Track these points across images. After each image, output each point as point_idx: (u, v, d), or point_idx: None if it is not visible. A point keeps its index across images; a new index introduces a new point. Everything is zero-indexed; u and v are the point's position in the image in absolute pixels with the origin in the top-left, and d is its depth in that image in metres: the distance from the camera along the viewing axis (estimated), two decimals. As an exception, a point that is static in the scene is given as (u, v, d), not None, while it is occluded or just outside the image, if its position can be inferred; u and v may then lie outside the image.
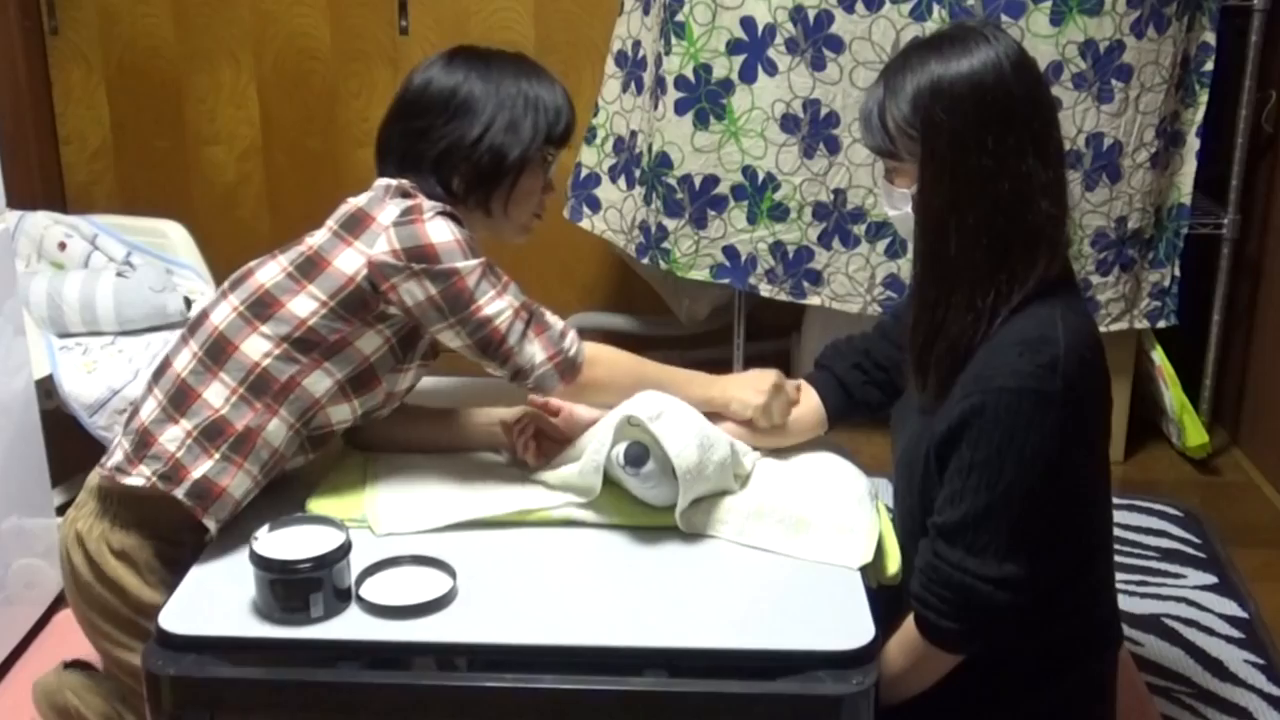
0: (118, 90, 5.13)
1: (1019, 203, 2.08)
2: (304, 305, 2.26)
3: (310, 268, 2.28)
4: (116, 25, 5.04)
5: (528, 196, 2.45)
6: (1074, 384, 2.04)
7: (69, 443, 3.51)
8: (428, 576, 2.11)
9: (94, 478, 2.38)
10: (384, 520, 2.27)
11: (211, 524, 2.25)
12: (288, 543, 2.05)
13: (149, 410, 2.33)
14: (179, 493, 2.25)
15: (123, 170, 5.22)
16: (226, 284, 2.37)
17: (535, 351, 2.27)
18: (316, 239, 2.32)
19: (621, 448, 2.23)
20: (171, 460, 2.26)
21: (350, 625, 2.03)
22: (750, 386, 2.44)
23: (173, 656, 1.98)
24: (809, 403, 2.51)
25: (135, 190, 5.20)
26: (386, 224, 2.26)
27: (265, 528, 2.09)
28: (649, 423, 2.21)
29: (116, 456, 2.34)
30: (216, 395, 2.28)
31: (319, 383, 2.28)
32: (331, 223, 2.33)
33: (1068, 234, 2.18)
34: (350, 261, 2.26)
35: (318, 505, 2.31)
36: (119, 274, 3.98)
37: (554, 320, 2.31)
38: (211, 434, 2.26)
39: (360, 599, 2.05)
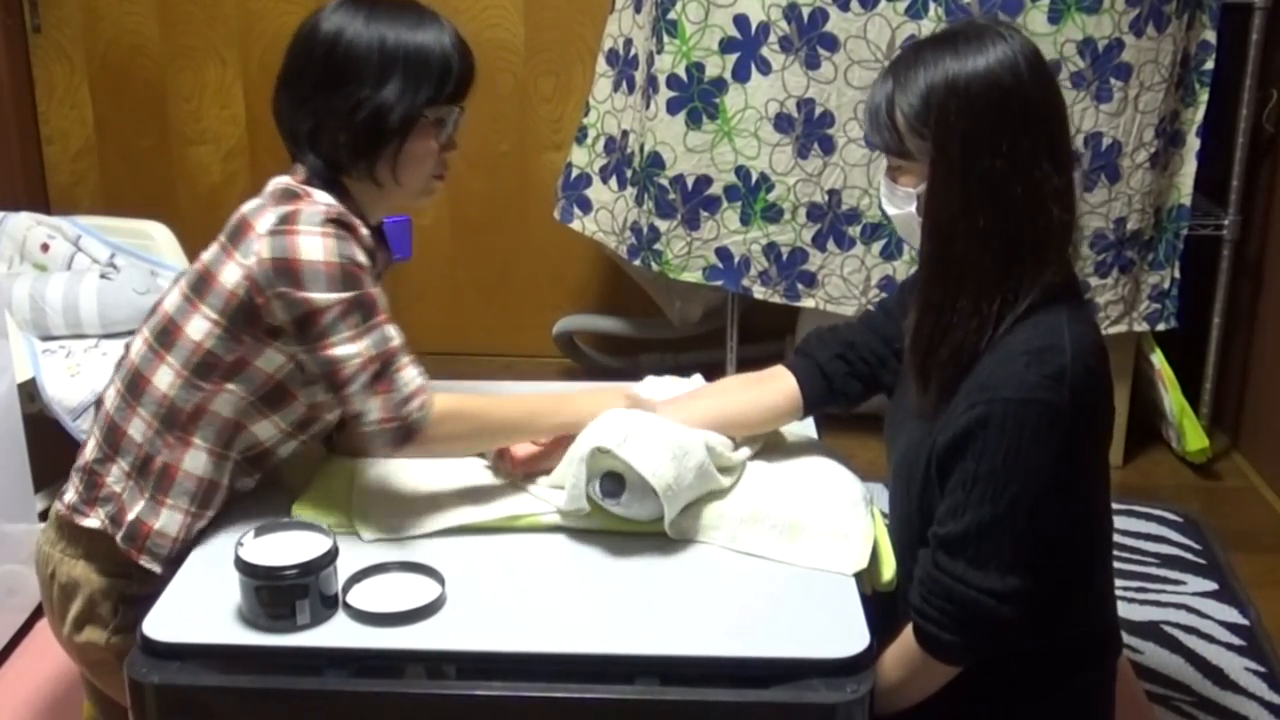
0: (101, 89, 5.11)
1: (1031, 208, 2.04)
2: (199, 327, 2.20)
3: (201, 285, 2.22)
4: (100, 23, 5.02)
5: (419, 161, 2.28)
6: (1080, 395, 2.01)
7: (51, 447, 3.47)
8: (415, 583, 2.08)
9: (55, 507, 2.38)
10: (371, 526, 2.24)
11: (151, 564, 2.23)
12: (273, 548, 2.02)
13: (91, 448, 2.33)
14: (119, 536, 2.26)
15: (106, 170, 5.20)
16: (150, 312, 2.33)
17: (372, 408, 2.14)
18: (208, 253, 2.26)
19: (596, 482, 2.20)
20: (118, 502, 2.27)
21: (337, 632, 1.99)
22: (604, 406, 2.34)
23: (157, 664, 1.95)
24: (785, 389, 2.46)
25: (119, 191, 5.19)
26: (262, 232, 2.15)
27: (250, 533, 2.06)
28: (617, 449, 2.17)
29: (70, 495, 2.34)
30: (138, 431, 2.26)
31: (225, 405, 2.23)
32: (221, 234, 2.26)
33: (1074, 240, 2.14)
34: (232, 275, 2.18)
35: (304, 510, 2.27)
36: (102, 276, 3.95)
37: (407, 380, 2.14)
38: (143, 472, 2.26)
39: (347, 606, 2.02)
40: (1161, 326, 4.35)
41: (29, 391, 3.56)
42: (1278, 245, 4.37)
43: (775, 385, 2.46)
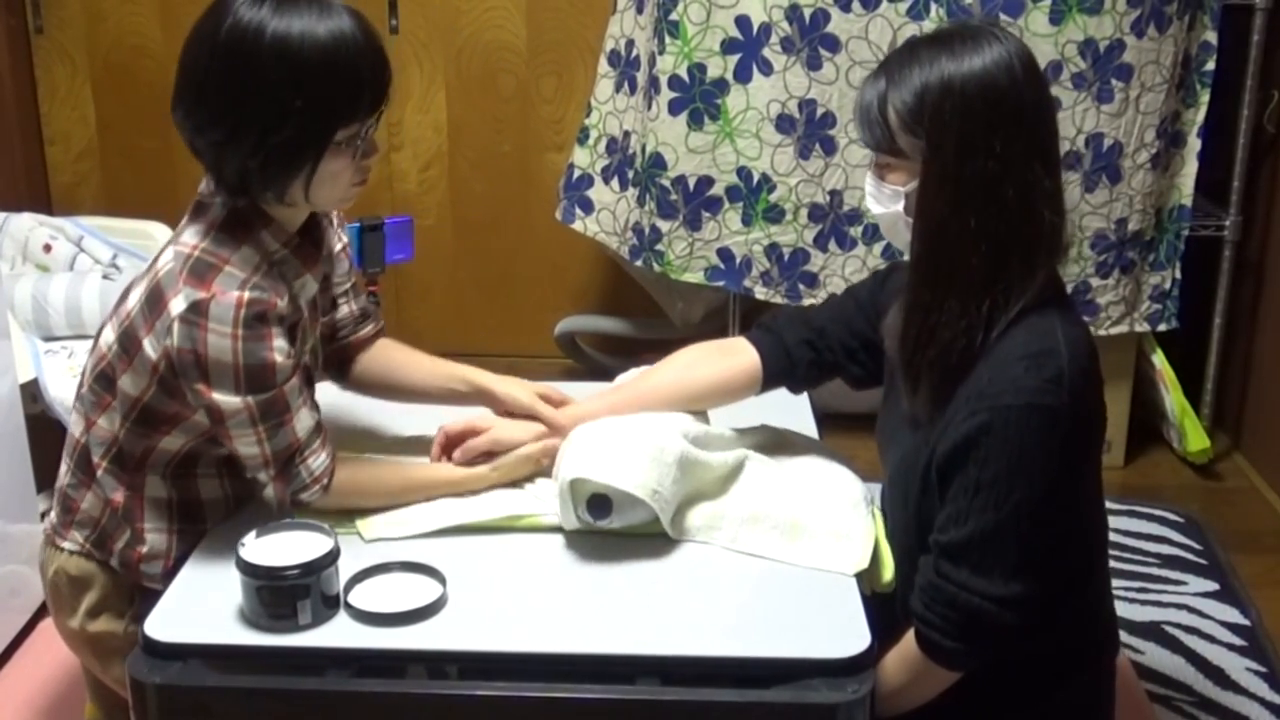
0: (103, 90, 5.11)
1: (1022, 210, 2.03)
2: (133, 383, 2.17)
3: (130, 344, 2.16)
4: (102, 24, 5.02)
5: (333, 179, 2.14)
6: (1079, 397, 2.01)
7: (54, 447, 3.46)
8: (417, 583, 2.08)
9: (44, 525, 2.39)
10: (372, 526, 2.24)
11: (153, 585, 2.23)
12: (275, 549, 2.02)
13: (64, 472, 2.32)
14: (113, 563, 2.27)
15: (108, 171, 5.20)
16: (95, 337, 2.29)
17: (269, 487, 2.18)
18: (133, 301, 2.17)
19: (584, 507, 2.20)
20: (98, 528, 2.28)
21: (339, 632, 1.99)
22: (513, 471, 2.37)
23: (158, 664, 1.95)
24: (747, 365, 2.44)
25: (121, 191, 5.19)
26: (175, 315, 2.06)
27: (252, 534, 2.06)
28: (594, 476, 2.17)
29: (50, 518, 2.35)
30: (99, 467, 2.26)
31: (174, 444, 2.23)
32: (142, 288, 2.16)
33: (1065, 242, 2.14)
34: (152, 349, 2.12)
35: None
36: (105, 276, 3.95)
37: (307, 474, 2.17)
38: (113, 505, 2.25)
39: (349, 606, 2.02)
40: (1163, 327, 4.34)
41: (31, 392, 3.55)
42: (1278, 246, 4.37)
43: (736, 360, 2.44)
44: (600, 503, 2.19)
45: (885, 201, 2.15)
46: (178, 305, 2.06)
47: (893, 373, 2.26)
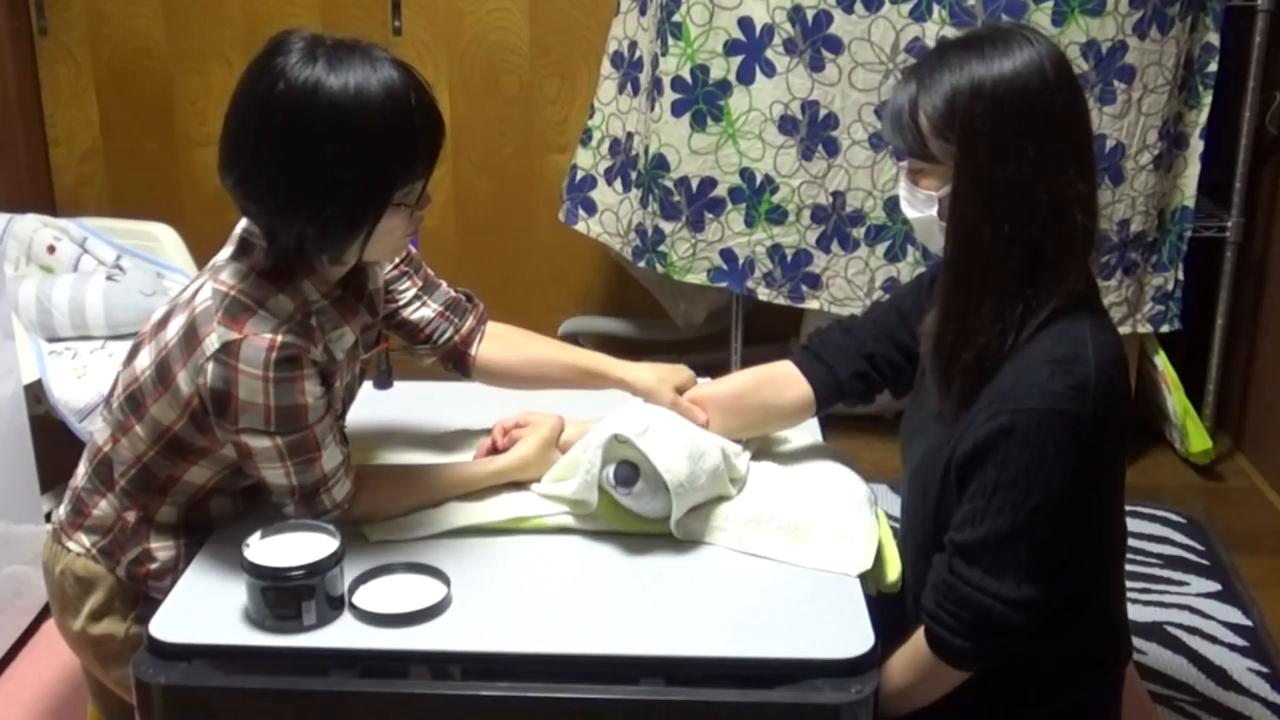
0: (107, 91, 5.11)
1: (1055, 214, 2.02)
2: (165, 413, 2.17)
3: (165, 373, 2.16)
4: (106, 25, 5.02)
5: (389, 234, 2.14)
6: (1103, 405, 2.00)
7: (58, 448, 3.47)
8: (421, 584, 2.08)
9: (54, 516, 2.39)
10: (377, 527, 2.24)
11: (159, 595, 2.22)
12: (280, 549, 2.03)
13: (81, 473, 2.33)
14: (119, 572, 2.27)
15: (112, 172, 5.19)
16: (130, 349, 2.28)
17: (289, 508, 2.18)
18: (171, 332, 2.16)
19: (611, 469, 2.21)
20: (107, 535, 2.28)
21: (343, 633, 2.00)
22: (535, 466, 2.38)
23: (163, 665, 1.96)
24: (798, 396, 2.44)
25: (125, 192, 5.18)
26: (208, 353, 2.06)
27: (257, 534, 2.06)
28: (636, 439, 2.18)
29: (61, 511, 2.35)
30: (120, 483, 2.26)
31: (200, 475, 2.24)
32: (181, 321, 2.15)
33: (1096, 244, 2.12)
34: (185, 384, 2.13)
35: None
36: (109, 278, 3.95)
37: (330, 502, 2.18)
38: (125, 522, 2.26)
39: (353, 607, 2.03)
40: (1165, 328, 4.35)
41: (35, 393, 3.56)
42: (1281, 247, 4.38)
43: (791, 393, 2.44)
44: (629, 469, 2.19)
45: (919, 206, 2.14)
46: (211, 345, 2.07)
47: (923, 369, 2.25)
